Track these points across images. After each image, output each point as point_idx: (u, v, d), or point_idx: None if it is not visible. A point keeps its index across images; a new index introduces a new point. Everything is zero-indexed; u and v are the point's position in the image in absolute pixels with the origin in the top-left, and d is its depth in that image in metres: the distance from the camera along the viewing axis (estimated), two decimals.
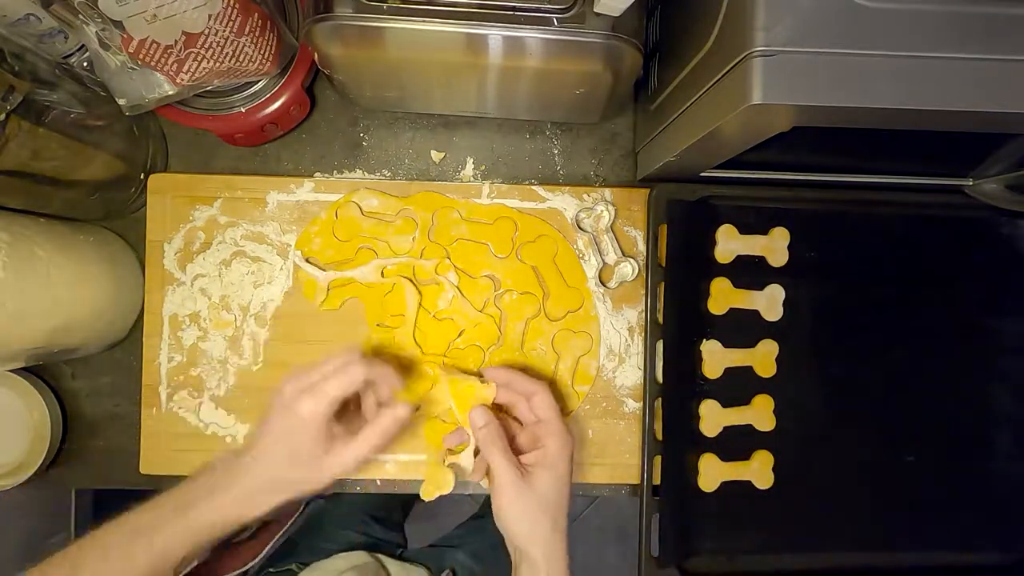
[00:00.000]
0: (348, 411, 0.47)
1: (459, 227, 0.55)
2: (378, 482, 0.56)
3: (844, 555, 0.56)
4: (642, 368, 0.55)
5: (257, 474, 0.43)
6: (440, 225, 0.55)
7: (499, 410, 0.49)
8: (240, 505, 0.43)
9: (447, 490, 0.54)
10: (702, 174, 0.53)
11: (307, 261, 0.54)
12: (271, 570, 0.68)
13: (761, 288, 0.55)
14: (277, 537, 0.47)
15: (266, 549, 0.47)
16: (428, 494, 0.54)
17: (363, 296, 0.55)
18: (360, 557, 0.68)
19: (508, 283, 0.55)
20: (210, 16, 0.41)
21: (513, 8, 0.38)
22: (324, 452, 0.44)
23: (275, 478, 0.43)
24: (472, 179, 0.58)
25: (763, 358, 0.55)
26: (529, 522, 0.44)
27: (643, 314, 0.55)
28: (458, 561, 0.75)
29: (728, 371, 0.54)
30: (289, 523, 0.49)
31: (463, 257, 0.55)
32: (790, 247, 0.55)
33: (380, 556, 0.69)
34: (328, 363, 0.45)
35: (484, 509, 0.93)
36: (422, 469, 0.55)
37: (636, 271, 0.56)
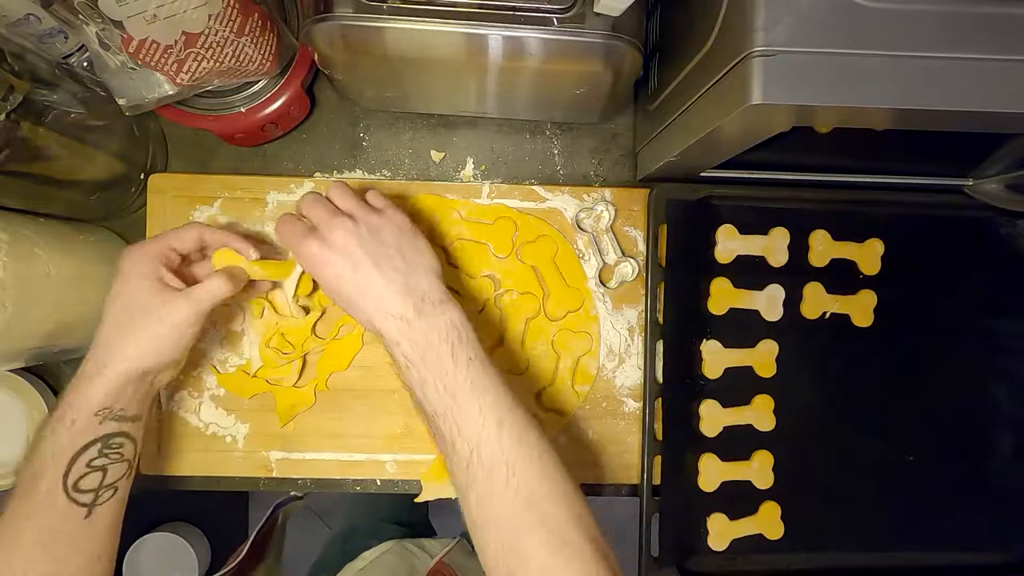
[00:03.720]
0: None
1: (459, 227, 0.55)
2: (378, 482, 0.56)
3: (844, 555, 0.56)
4: (642, 368, 0.55)
5: (102, 340, 0.42)
6: (440, 225, 0.55)
7: None
8: (105, 383, 0.41)
9: (452, 495, 0.54)
10: (702, 174, 0.53)
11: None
12: None
13: (761, 288, 0.55)
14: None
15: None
16: (428, 494, 0.54)
17: None
18: (388, 544, 0.67)
19: (508, 283, 0.55)
20: (210, 16, 0.41)
21: (513, 8, 0.38)
22: (160, 301, 0.42)
23: (118, 333, 0.42)
24: (472, 179, 0.58)
25: (763, 358, 0.55)
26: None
27: (643, 314, 0.55)
28: None
29: (728, 371, 0.54)
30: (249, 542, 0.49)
31: (463, 257, 0.55)
32: (790, 247, 0.55)
33: (412, 540, 0.69)
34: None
35: None
36: (422, 469, 0.55)
37: (636, 271, 0.56)
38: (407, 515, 0.84)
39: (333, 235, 0.43)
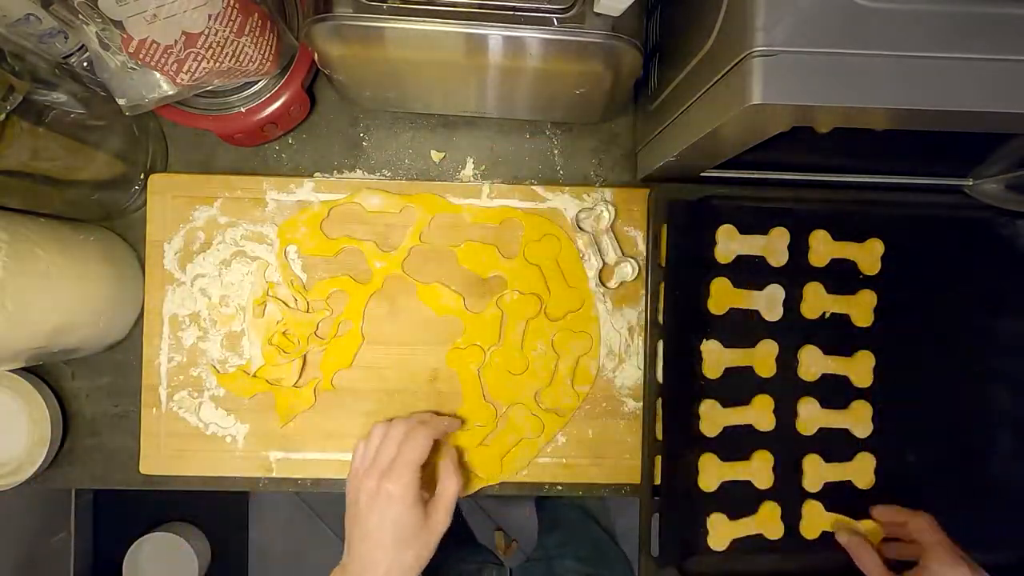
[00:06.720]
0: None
1: (466, 229, 0.55)
2: None
3: (844, 555, 0.56)
4: (642, 368, 0.55)
5: (380, 556, 0.44)
6: (445, 226, 0.55)
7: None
8: None
9: (450, 495, 0.54)
10: (702, 174, 0.53)
11: (286, 251, 0.55)
12: None
13: (761, 288, 0.55)
14: None
15: None
16: None
17: (352, 292, 0.55)
18: None
19: (515, 283, 0.55)
20: (210, 16, 0.41)
21: (513, 8, 0.38)
22: (424, 519, 0.46)
23: (390, 569, 0.45)
24: (472, 179, 0.58)
25: (763, 358, 0.55)
26: None
27: (643, 314, 0.55)
28: (567, 568, 0.74)
29: (728, 371, 0.54)
30: None
31: (470, 258, 0.55)
32: (790, 247, 0.55)
33: None
34: (389, 436, 0.48)
35: (572, 507, 0.90)
36: None
37: (636, 271, 0.56)
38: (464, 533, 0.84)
39: None
